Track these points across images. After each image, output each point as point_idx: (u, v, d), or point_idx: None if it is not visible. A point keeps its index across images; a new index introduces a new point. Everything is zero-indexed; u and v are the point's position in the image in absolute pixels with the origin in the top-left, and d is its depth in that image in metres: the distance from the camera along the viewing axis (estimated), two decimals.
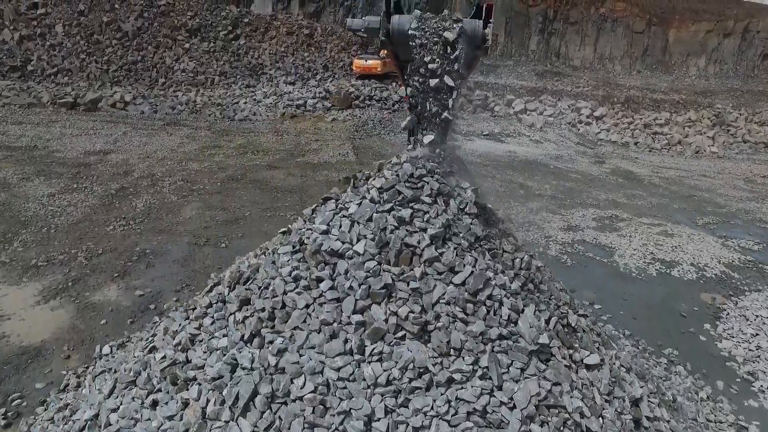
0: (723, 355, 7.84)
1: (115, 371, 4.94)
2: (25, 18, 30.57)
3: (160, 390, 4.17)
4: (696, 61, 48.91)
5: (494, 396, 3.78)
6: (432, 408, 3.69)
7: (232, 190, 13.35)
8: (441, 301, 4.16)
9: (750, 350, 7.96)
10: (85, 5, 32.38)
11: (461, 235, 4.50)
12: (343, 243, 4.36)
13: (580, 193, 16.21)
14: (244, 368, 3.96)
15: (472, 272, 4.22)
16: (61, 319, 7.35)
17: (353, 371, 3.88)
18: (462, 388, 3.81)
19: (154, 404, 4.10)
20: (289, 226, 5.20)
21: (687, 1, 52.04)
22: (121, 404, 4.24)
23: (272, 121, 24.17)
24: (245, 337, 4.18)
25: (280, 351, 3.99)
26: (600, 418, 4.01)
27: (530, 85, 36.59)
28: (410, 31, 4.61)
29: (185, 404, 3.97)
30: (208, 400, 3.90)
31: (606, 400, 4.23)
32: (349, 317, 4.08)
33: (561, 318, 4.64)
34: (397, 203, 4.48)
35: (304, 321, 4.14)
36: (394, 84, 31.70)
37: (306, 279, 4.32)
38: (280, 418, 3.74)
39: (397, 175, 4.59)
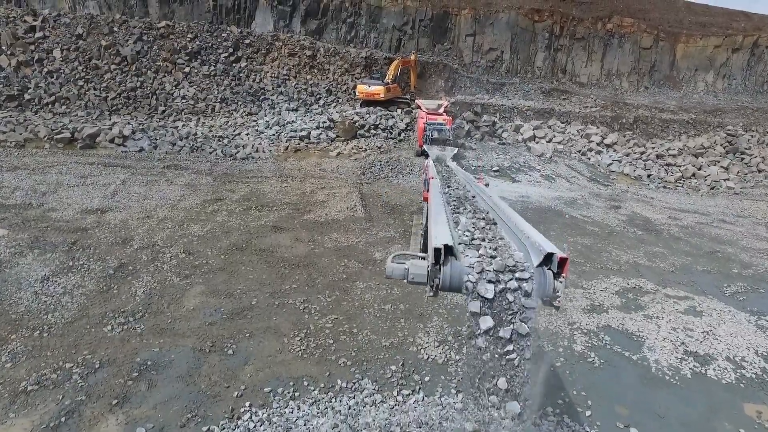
0: None
1: None
2: (22, 42, 29.79)
3: None
4: (704, 76, 48.11)
5: None
6: None
7: (236, 265, 12.64)
8: None
9: None
10: (83, 28, 31.59)
11: None
12: None
13: (600, 253, 15.52)
14: None
15: None
16: None
17: None
18: None
19: None
20: None
21: (695, 15, 51.20)
22: None
23: (276, 158, 23.48)
24: None
25: None
26: None
27: (537, 106, 35.80)
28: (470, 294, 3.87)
29: None
30: None
31: None
32: None
33: None
34: None
35: None
36: (399, 111, 30.96)
37: None
38: None
39: None
